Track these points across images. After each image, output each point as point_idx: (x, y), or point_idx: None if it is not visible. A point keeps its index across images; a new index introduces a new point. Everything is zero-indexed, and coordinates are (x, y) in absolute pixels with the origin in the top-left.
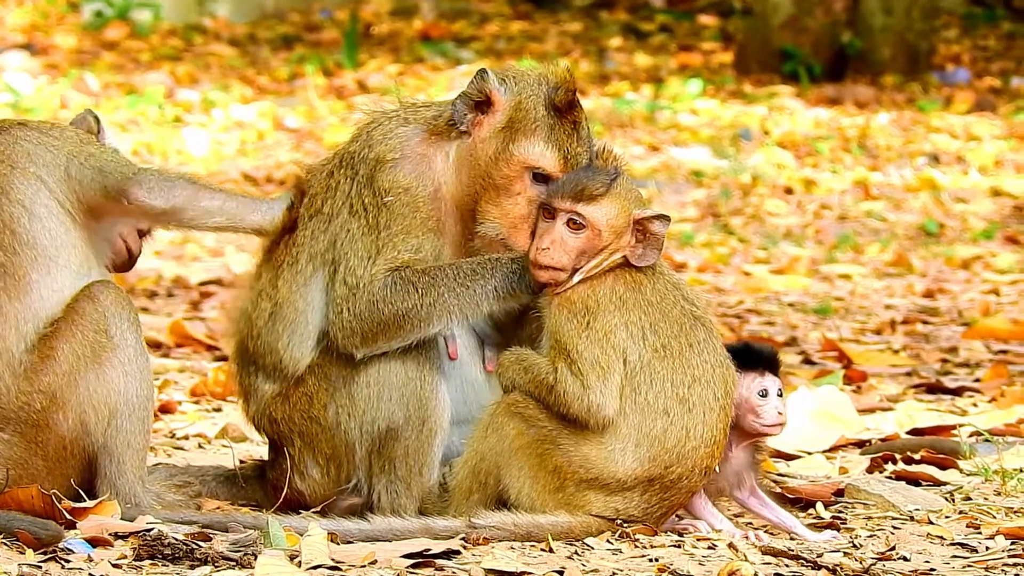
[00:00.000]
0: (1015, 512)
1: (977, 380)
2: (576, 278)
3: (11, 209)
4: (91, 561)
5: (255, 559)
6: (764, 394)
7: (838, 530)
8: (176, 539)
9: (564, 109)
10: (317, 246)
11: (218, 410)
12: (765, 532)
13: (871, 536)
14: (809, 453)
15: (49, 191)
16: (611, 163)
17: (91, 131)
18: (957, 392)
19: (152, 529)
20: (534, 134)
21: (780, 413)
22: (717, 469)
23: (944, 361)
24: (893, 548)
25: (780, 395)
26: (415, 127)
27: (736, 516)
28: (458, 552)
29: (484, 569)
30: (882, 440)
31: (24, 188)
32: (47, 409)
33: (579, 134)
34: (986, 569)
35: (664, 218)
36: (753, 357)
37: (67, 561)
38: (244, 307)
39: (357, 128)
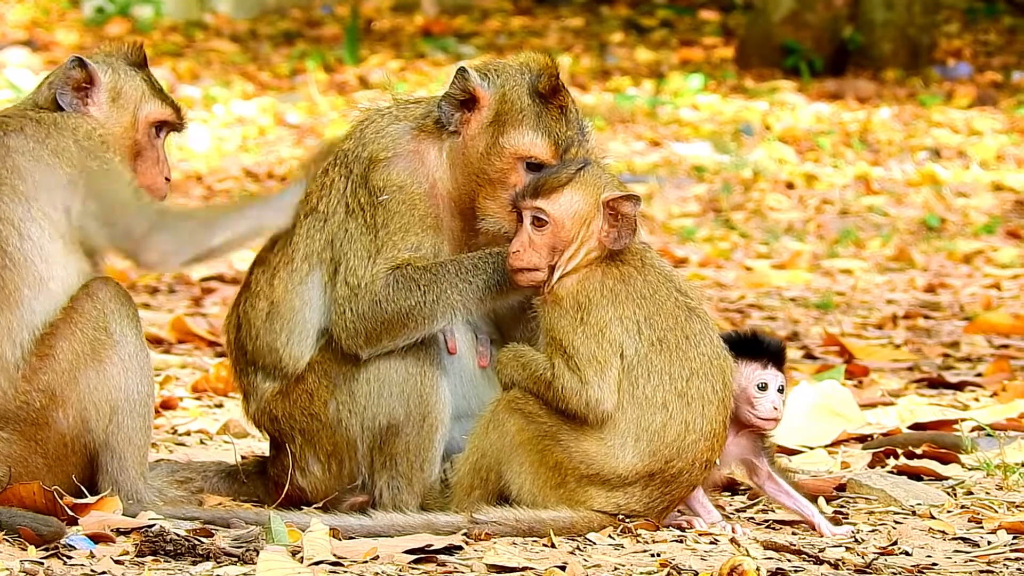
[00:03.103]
0: (1017, 506)
1: (979, 375)
2: (556, 274)
3: None
4: (93, 557)
5: (257, 555)
6: (763, 387)
7: (839, 524)
8: (178, 535)
9: (549, 95)
10: (313, 245)
11: (219, 406)
12: (756, 529)
13: (873, 531)
14: (811, 448)
15: (44, 214)
16: (582, 153)
17: (80, 86)
18: (959, 387)
19: (154, 525)
20: (522, 124)
21: (776, 408)
22: (718, 462)
23: (946, 356)
24: (895, 543)
25: (781, 391)
26: (405, 124)
27: (739, 511)
28: (460, 548)
29: (486, 564)
30: (884, 435)
31: (13, 207)
32: (47, 407)
33: (567, 118)
34: (988, 563)
35: (634, 198)
36: (759, 348)
37: (69, 557)
38: (239, 313)
39: (351, 126)
